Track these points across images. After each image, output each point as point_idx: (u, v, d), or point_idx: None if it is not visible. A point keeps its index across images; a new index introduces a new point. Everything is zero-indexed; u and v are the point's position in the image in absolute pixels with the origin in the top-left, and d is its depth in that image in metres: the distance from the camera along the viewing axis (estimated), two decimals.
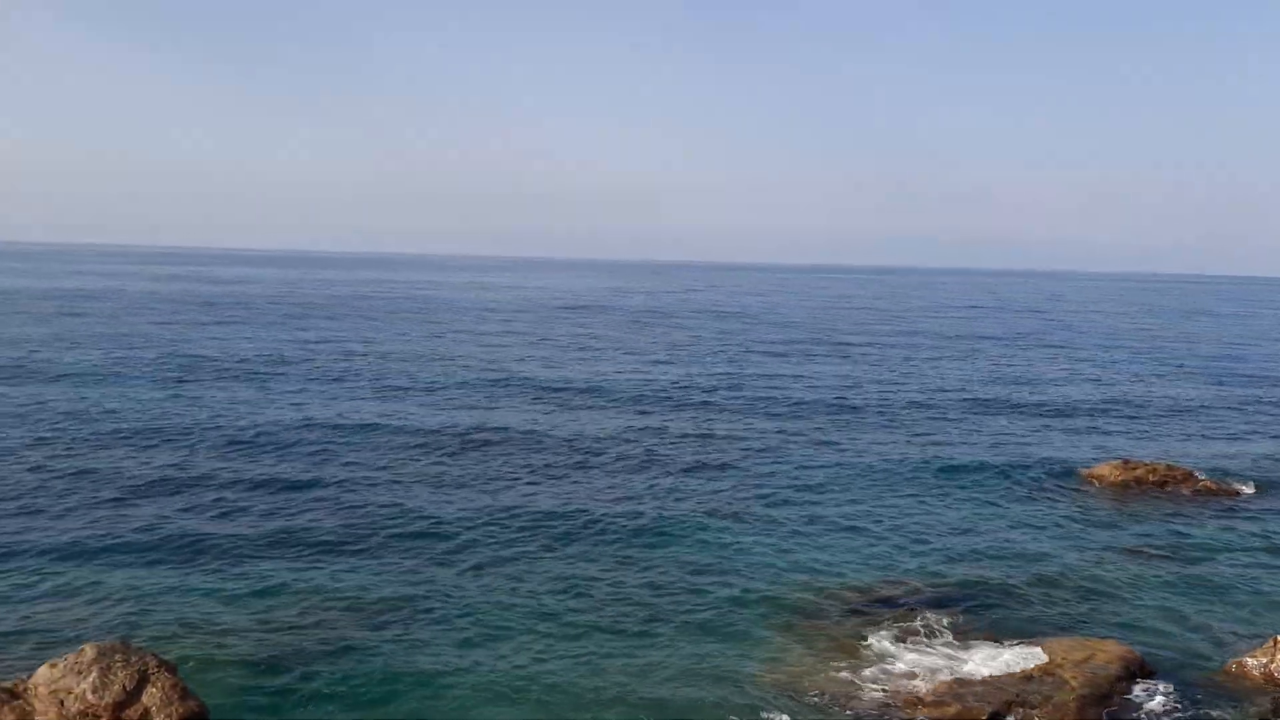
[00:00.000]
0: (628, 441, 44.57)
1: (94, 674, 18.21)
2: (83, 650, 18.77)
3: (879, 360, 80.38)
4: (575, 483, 37.24)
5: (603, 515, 33.11)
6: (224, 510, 32.40)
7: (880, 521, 33.69)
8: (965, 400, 59.56)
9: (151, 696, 18.21)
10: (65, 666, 18.45)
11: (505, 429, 46.23)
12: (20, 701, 17.89)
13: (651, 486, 37.09)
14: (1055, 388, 66.65)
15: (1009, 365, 79.64)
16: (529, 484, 36.85)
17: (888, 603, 26.29)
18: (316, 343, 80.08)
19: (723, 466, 40.32)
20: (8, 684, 18.32)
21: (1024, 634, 24.22)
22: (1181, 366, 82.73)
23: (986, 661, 22.45)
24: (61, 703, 17.91)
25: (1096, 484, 39.35)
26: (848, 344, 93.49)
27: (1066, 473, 41.04)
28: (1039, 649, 22.98)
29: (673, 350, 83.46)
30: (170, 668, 18.93)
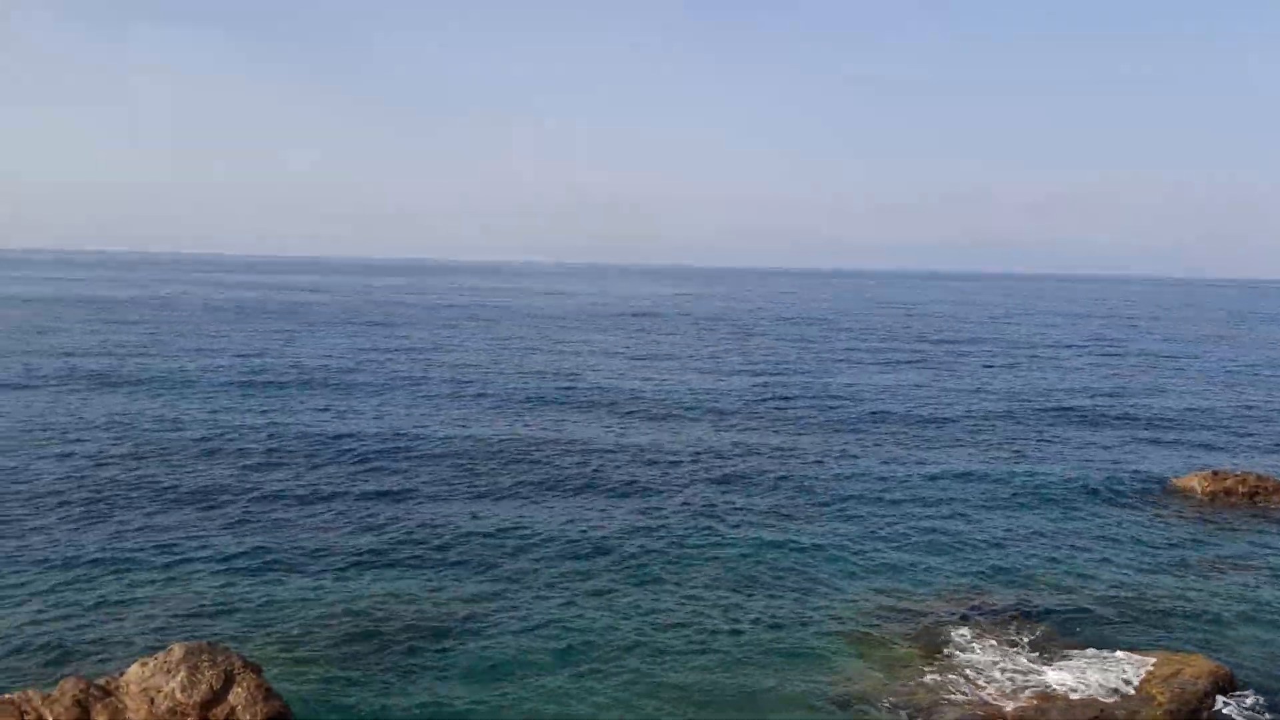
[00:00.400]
0: (703, 453, 44.54)
1: (182, 673, 18.66)
2: (171, 650, 19.23)
3: (954, 367, 79.24)
4: (652, 494, 37.28)
5: (678, 523, 33.16)
6: (306, 516, 33.03)
7: (960, 531, 33.22)
8: (1046, 409, 58.46)
9: (237, 696, 18.61)
10: (155, 665, 18.93)
11: (583, 440, 46.50)
12: (113, 699, 18.39)
13: (727, 495, 37.03)
14: (1138, 396, 65.09)
15: (1088, 372, 77.97)
16: (606, 495, 36.98)
17: (968, 612, 25.90)
18: (393, 350, 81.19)
19: (801, 477, 40.05)
20: (101, 681, 18.85)
21: (1109, 647, 23.69)
22: (1270, 374, 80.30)
23: (1070, 675, 22.01)
24: (151, 700, 18.37)
25: (1184, 495, 38.35)
26: (921, 351, 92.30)
27: (1153, 483, 40.07)
28: (1125, 663, 22.48)
29: (746, 358, 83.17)
30: (255, 668, 19.32)
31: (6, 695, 18.14)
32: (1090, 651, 23.41)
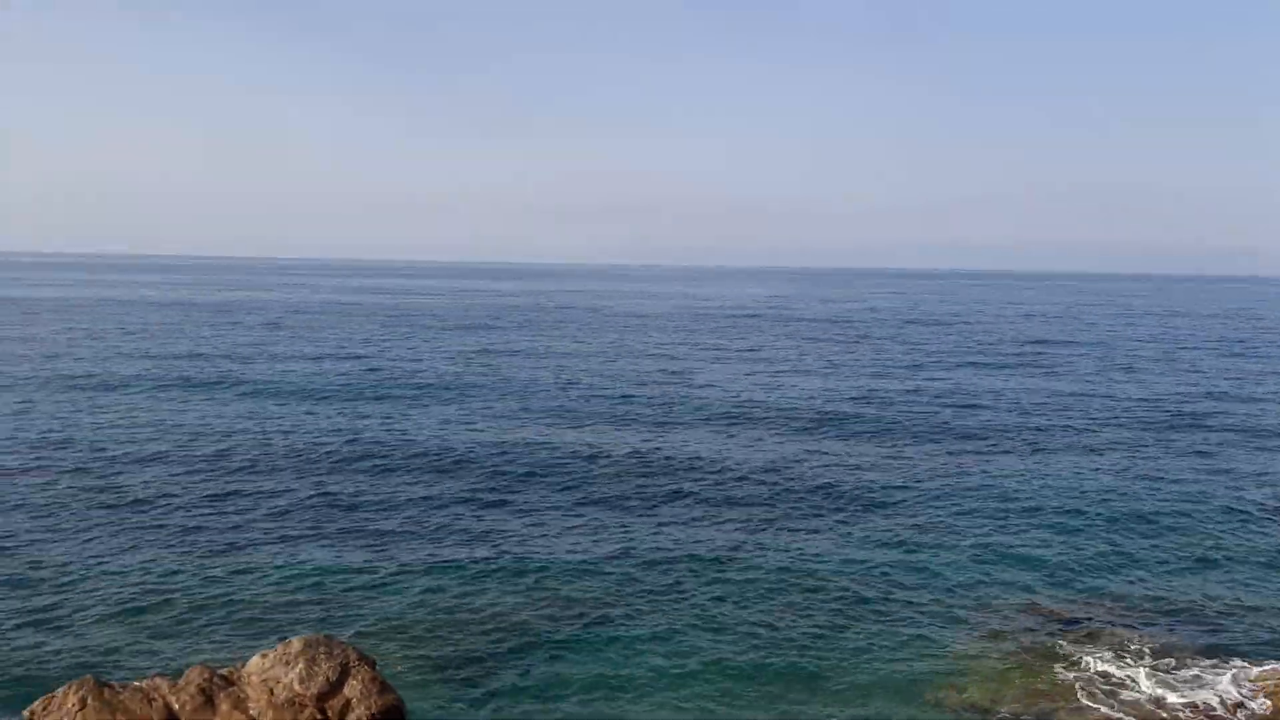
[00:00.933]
0: (809, 462, 44.23)
1: (300, 665, 19.21)
2: (290, 642, 19.82)
3: (1067, 371, 77.01)
4: (755, 504, 37.15)
5: (785, 535, 33.07)
6: (418, 520, 33.75)
7: (1075, 540, 32.36)
8: (1168, 415, 56.51)
9: (352, 688, 19.09)
10: (275, 657, 19.53)
11: (686, 449, 46.58)
12: (235, 688, 19.02)
13: (833, 505, 36.73)
14: (1265, 401, 62.47)
15: (1212, 377, 75.07)
16: (709, 505, 36.98)
17: (1083, 622, 25.25)
18: (501, 353, 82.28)
19: (907, 486, 39.46)
20: (224, 671, 19.52)
21: (1230, 657, 22.84)
22: None
23: (1195, 688, 21.28)
24: (271, 691, 18.96)
25: None
26: (1031, 353, 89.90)
27: None
28: (1249, 675, 21.65)
29: (853, 361, 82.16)
30: (369, 662, 19.80)
31: (136, 682, 18.90)
32: (1211, 663, 22.61)
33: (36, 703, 18.16)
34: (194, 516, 32.82)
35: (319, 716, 18.67)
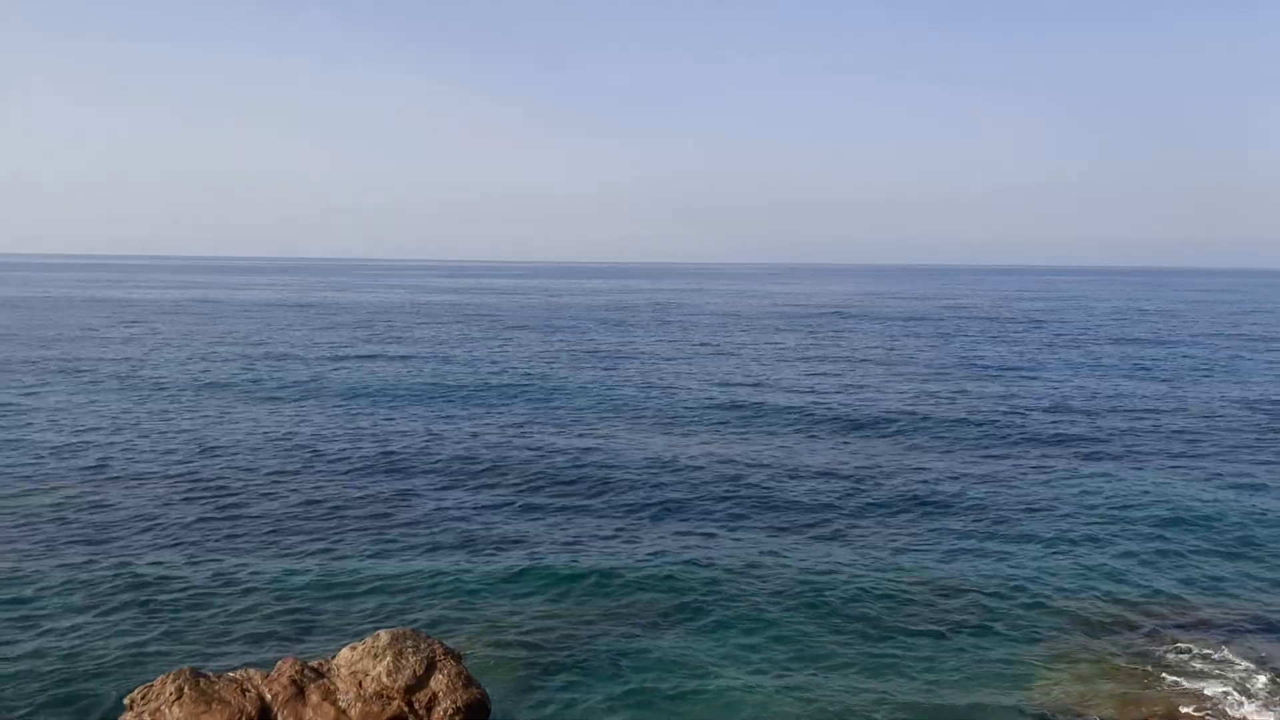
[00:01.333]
0: (892, 466, 43.78)
1: (388, 658, 19.54)
2: (378, 636, 20.18)
3: (1162, 371, 74.91)
4: (837, 509, 36.89)
5: (873, 538, 32.78)
6: (499, 517, 34.19)
7: (1172, 546, 31.51)
8: (1266, 418, 54.68)
9: (438, 682, 19.36)
10: (363, 650, 19.90)
11: (771, 456, 46.39)
12: (325, 680, 19.41)
13: (920, 504, 36.35)
14: None
15: None
16: (793, 511, 36.80)
17: (1180, 631, 24.60)
18: (582, 353, 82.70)
19: (992, 490, 38.86)
20: (314, 663, 19.93)
21: None
22: None
23: None
24: (360, 683, 19.31)
25: None
26: (1121, 351, 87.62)
27: None
28: None
29: (940, 362, 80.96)
30: (455, 656, 20.06)
31: (230, 673, 19.40)
32: None
33: (136, 691, 18.75)
34: (285, 515, 33.61)
35: (406, 709, 18.96)
